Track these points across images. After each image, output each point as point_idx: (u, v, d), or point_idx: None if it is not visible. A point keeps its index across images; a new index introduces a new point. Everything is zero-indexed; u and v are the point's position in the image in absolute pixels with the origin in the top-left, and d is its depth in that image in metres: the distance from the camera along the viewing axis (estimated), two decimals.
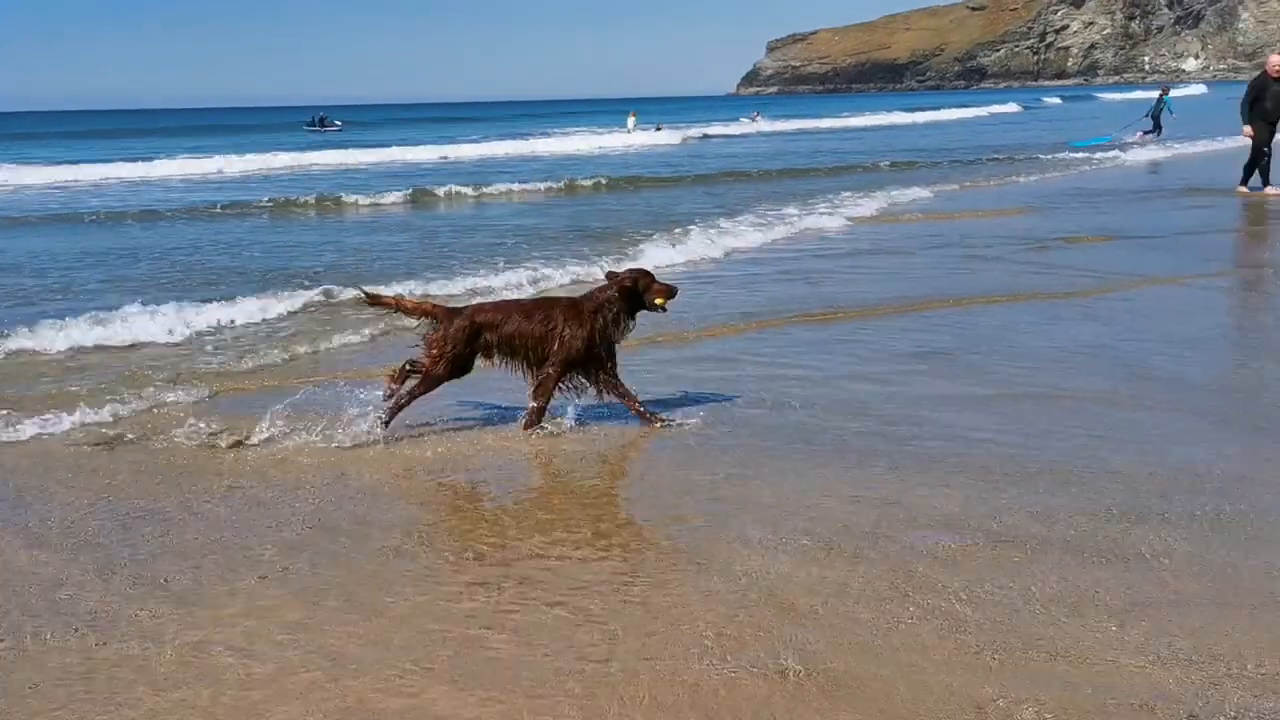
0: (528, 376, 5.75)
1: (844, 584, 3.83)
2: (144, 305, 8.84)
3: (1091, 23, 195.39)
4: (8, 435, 5.79)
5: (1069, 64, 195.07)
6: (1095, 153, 26.48)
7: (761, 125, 55.53)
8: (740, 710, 3.06)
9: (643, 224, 14.98)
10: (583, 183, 22.61)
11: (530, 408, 5.71)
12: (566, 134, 49.77)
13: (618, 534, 4.39)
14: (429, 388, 5.71)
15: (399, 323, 8.63)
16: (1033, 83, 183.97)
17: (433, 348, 5.65)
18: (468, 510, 4.75)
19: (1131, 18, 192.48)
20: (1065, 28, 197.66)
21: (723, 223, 14.58)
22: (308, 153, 35.50)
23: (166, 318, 8.51)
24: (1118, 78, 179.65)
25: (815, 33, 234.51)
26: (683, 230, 13.75)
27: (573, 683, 3.22)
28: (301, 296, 9.47)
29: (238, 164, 31.65)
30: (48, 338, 7.93)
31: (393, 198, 20.30)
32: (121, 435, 5.78)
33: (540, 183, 22.69)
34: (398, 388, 5.73)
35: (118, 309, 8.72)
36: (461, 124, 74.90)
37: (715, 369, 6.84)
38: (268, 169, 31.11)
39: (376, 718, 3.08)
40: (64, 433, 5.85)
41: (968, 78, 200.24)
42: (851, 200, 17.07)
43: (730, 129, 52.34)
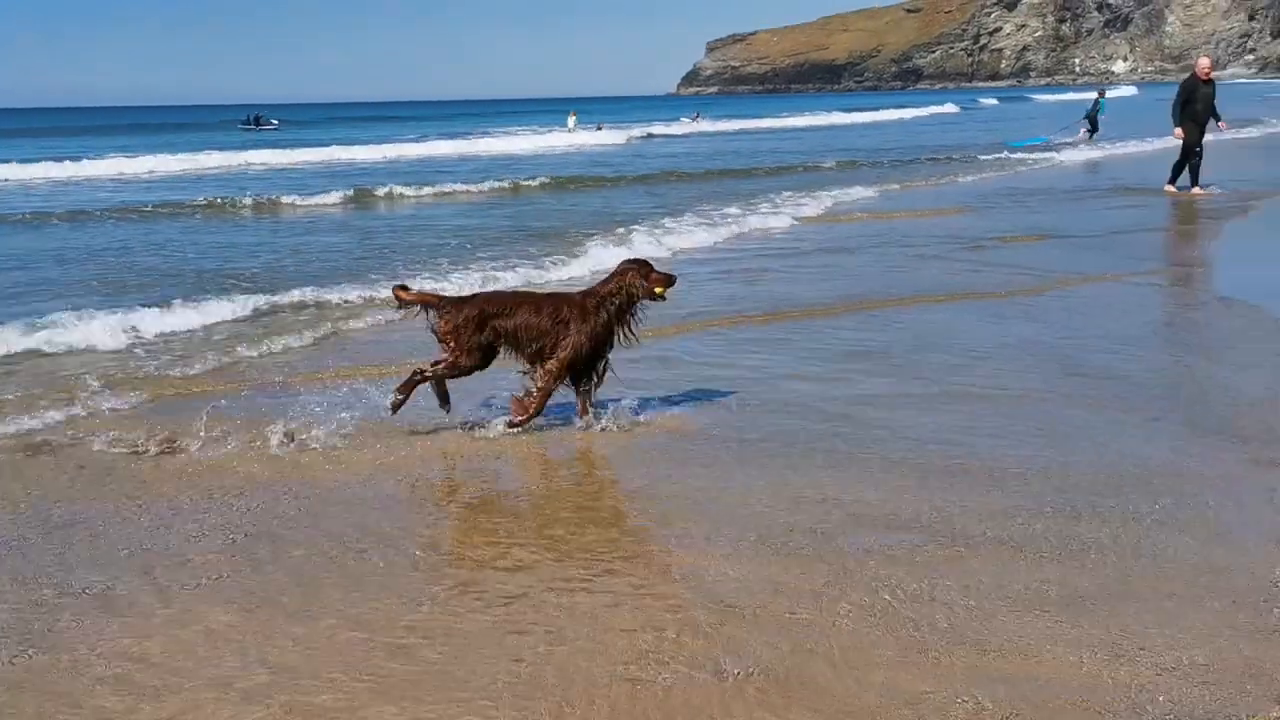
0: (530, 370, 5.69)
1: (784, 583, 3.83)
2: (77, 308, 8.60)
3: (1024, 25, 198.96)
4: None
5: (1002, 66, 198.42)
6: (1032, 153, 26.95)
7: (702, 125, 55.70)
8: (678, 713, 3.05)
9: (586, 224, 14.94)
10: (524, 183, 22.49)
11: (524, 400, 5.63)
12: (507, 133, 49.55)
13: (558, 538, 4.35)
14: (458, 376, 5.65)
15: (343, 325, 8.56)
16: (967, 84, 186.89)
17: (449, 340, 5.57)
18: (407, 516, 4.67)
19: (1062, 20, 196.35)
20: (998, 30, 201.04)
21: (667, 222, 14.59)
22: (244, 152, 34.85)
23: (100, 321, 8.25)
24: (1049, 79, 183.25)
25: (754, 33, 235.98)
26: (626, 230, 13.74)
27: (508, 689, 3.18)
28: (241, 299, 9.27)
29: (170, 163, 31.04)
30: None
31: (331, 198, 20.00)
32: (52, 442, 5.63)
33: (481, 183, 22.50)
34: (405, 399, 5.62)
35: (48, 313, 8.48)
36: (401, 123, 74.19)
37: (655, 369, 6.83)
38: (202, 168, 30.52)
39: None
40: None
41: (904, 79, 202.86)
42: (796, 200, 17.16)
43: (672, 129, 52.39)
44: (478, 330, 5.54)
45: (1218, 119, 16.75)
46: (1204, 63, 17.09)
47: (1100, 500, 4.54)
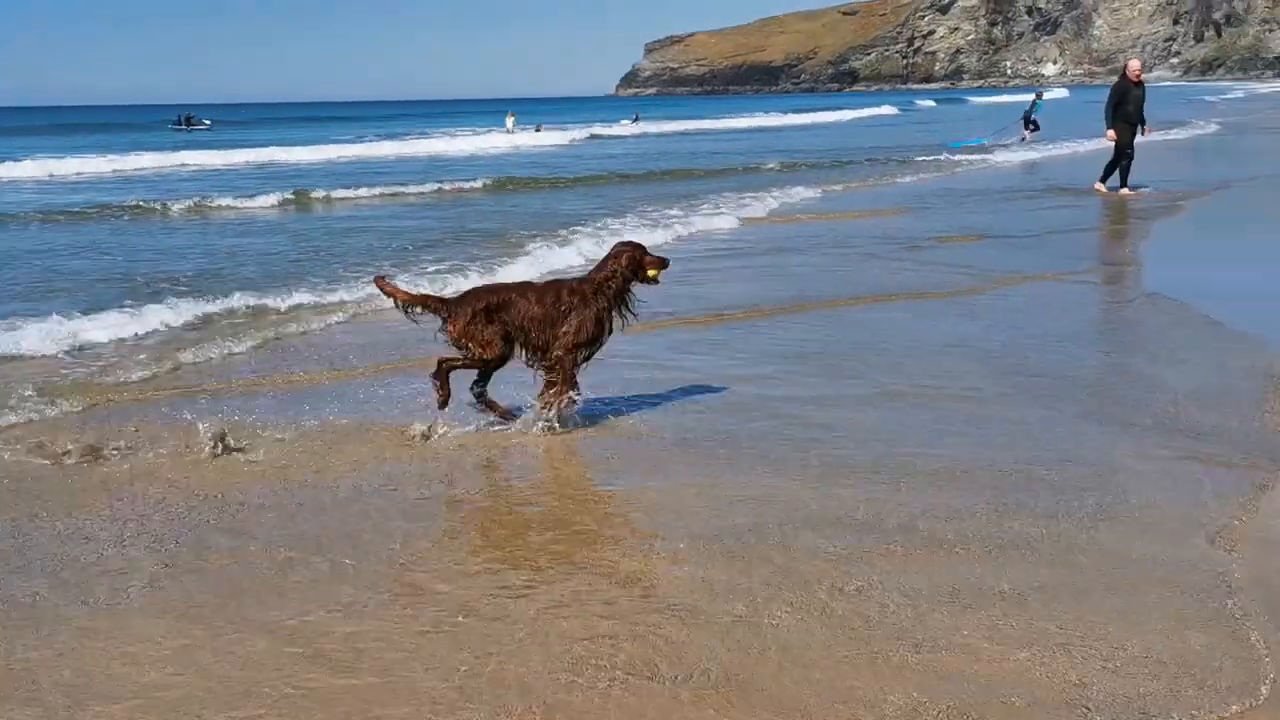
0: (533, 360, 5.65)
1: (723, 584, 3.83)
2: (3, 315, 8.34)
3: (957, 28, 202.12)
4: None
5: (936, 68, 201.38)
6: (971, 154, 27.39)
7: (645, 126, 55.62)
8: (617, 716, 3.03)
9: (527, 225, 14.85)
10: (462, 184, 22.32)
11: (551, 397, 5.60)
12: (445, 134, 49.18)
13: (497, 542, 4.31)
14: (496, 367, 5.62)
15: (288, 329, 8.39)
16: (902, 86, 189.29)
17: (467, 340, 5.51)
18: (341, 523, 4.56)
19: (994, 24, 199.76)
20: (932, 33, 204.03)
21: (611, 224, 14.56)
22: (176, 153, 34.19)
23: (28, 327, 7.99)
24: (982, 81, 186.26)
25: (692, 35, 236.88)
26: (570, 232, 13.70)
27: (444, 698, 3.14)
28: (176, 303, 9.01)
29: (98, 164, 30.25)
30: None
31: (266, 199, 19.62)
32: None
33: (420, 184, 22.31)
34: (444, 390, 5.59)
35: None
36: (337, 124, 73.32)
37: (595, 372, 6.69)
38: (132, 170, 29.83)
39: None
40: None
41: (840, 80, 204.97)
42: (739, 201, 17.20)
43: (613, 129, 52.37)
44: (488, 323, 5.50)
45: (1143, 124, 17.09)
46: (1134, 65, 17.45)
47: (1035, 496, 4.59)
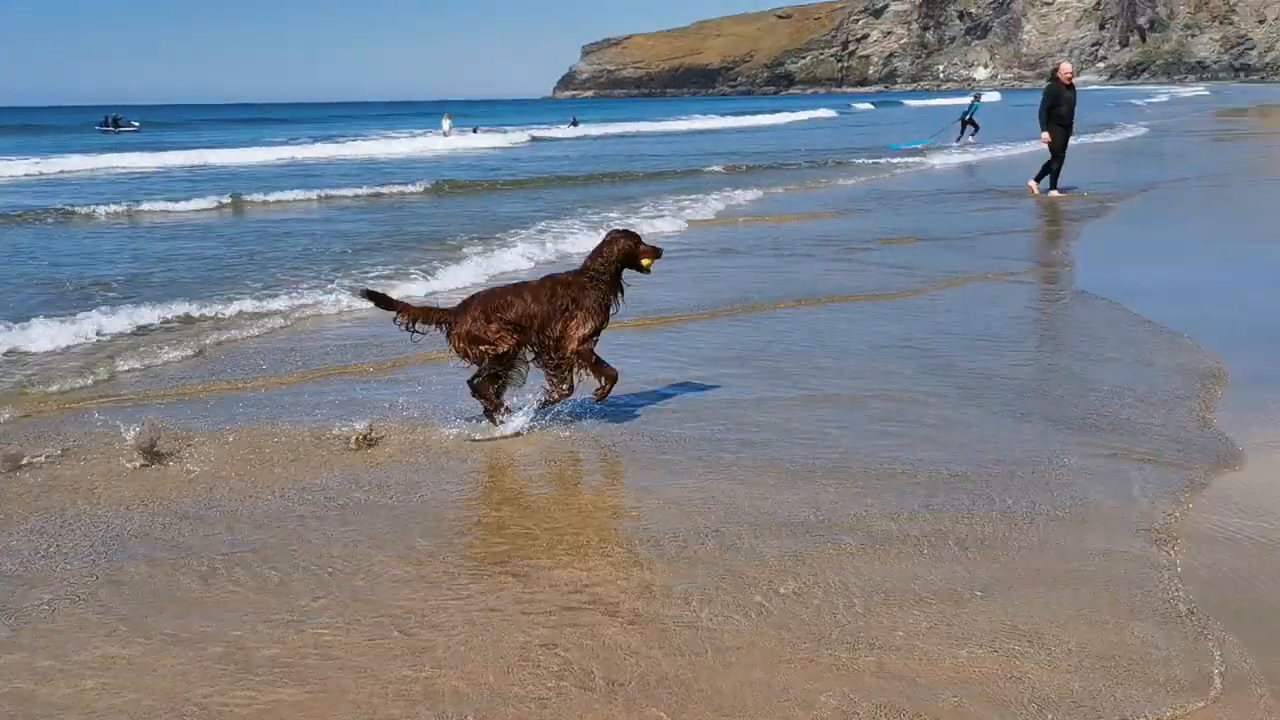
0: (542, 358, 5.60)
1: (666, 587, 3.83)
2: None
3: (890, 32, 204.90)
4: None
5: (870, 71, 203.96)
6: (909, 156, 27.77)
7: (589, 129, 55.33)
8: None
9: (467, 229, 14.74)
10: (401, 187, 22.11)
11: (562, 392, 5.61)
12: (381, 136, 48.71)
13: (434, 550, 4.24)
14: (508, 365, 5.57)
15: (224, 335, 8.22)
16: (837, 89, 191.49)
17: (477, 345, 5.45)
18: (277, 533, 4.47)
19: (926, 28, 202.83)
20: (866, 37, 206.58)
21: (553, 227, 14.52)
22: (103, 155, 33.48)
23: None
24: (915, 85, 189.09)
25: (629, 38, 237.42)
26: (510, 234, 13.62)
27: (377, 708, 3.10)
28: (108, 309, 8.77)
29: (21, 167, 29.45)
30: None
31: (199, 202, 19.30)
32: None
33: (355, 187, 22.07)
34: (494, 396, 5.57)
35: None
36: (270, 125, 72.28)
37: (532, 378, 6.58)
38: (57, 173, 29.13)
39: None
40: None
41: (776, 83, 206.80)
42: (682, 204, 17.23)
43: (553, 132, 52.20)
44: (488, 322, 5.45)
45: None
46: (1066, 68, 17.78)
47: (971, 496, 4.63)
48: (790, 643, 3.41)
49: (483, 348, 5.46)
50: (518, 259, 11.80)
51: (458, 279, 10.61)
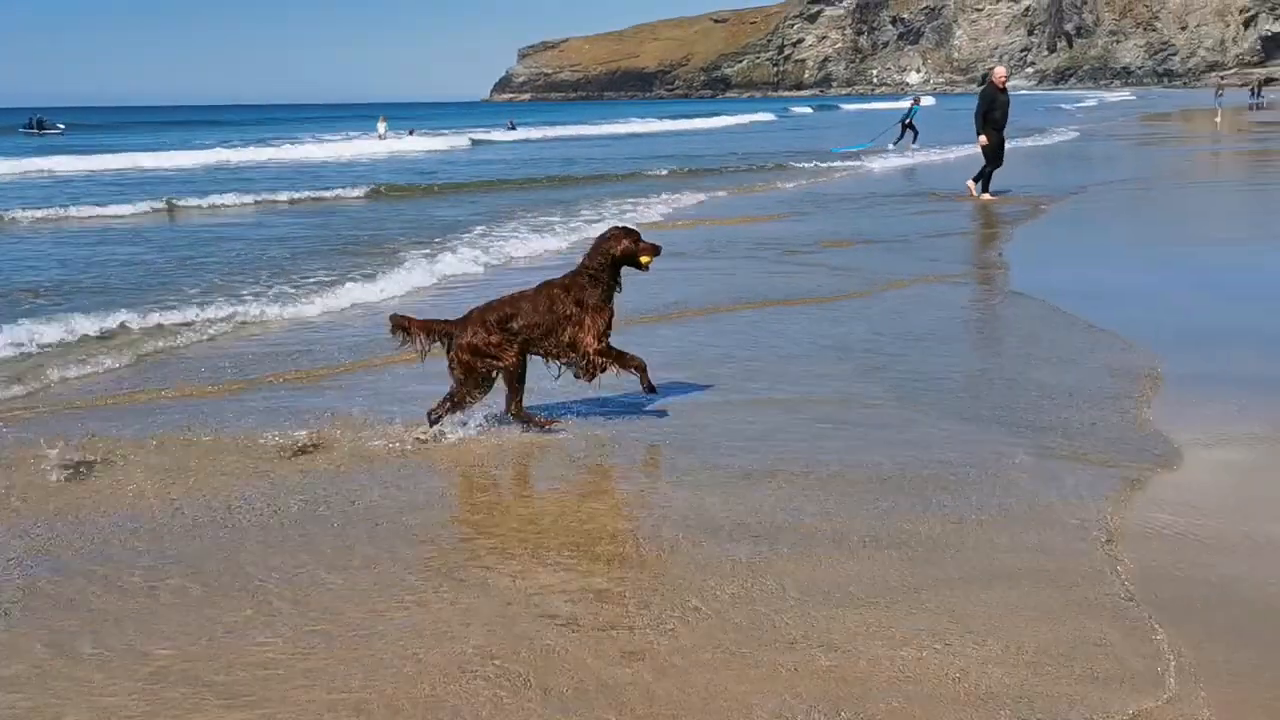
0: (554, 364, 5.59)
1: (604, 592, 3.81)
2: None
3: (825, 37, 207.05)
4: None
5: (806, 75, 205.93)
6: (849, 160, 28.05)
7: (528, 133, 54.86)
8: None
9: (406, 233, 14.60)
10: (339, 191, 21.83)
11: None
12: (315, 140, 48.08)
13: (369, 558, 4.17)
14: (519, 381, 5.51)
15: (159, 344, 7.99)
16: (773, 93, 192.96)
17: (487, 358, 5.39)
18: (211, 545, 4.36)
19: (860, 33, 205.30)
20: (801, 41, 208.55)
21: (494, 231, 14.43)
22: (27, 158, 32.56)
23: None
24: (850, 89, 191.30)
25: (566, 41, 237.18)
26: (451, 239, 13.52)
27: (324, 716, 3.05)
28: (40, 317, 8.48)
29: None
30: None
31: (130, 207, 18.85)
32: None
33: (291, 191, 21.73)
34: (525, 419, 5.54)
35: None
36: (202, 128, 71.01)
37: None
38: None
39: None
40: None
41: (713, 87, 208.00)
42: (625, 208, 17.20)
43: (491, 135, 51.86)
44: (489, 334, 5.40)
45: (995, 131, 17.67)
46: (1000, 72, 18.08)
47: (910, 497, 4.66)
48: (728, 647, 3.40)
49: (488, 360, 5.42)
50: (460, 263, 11.70)
51: (404, 284, 10.47)
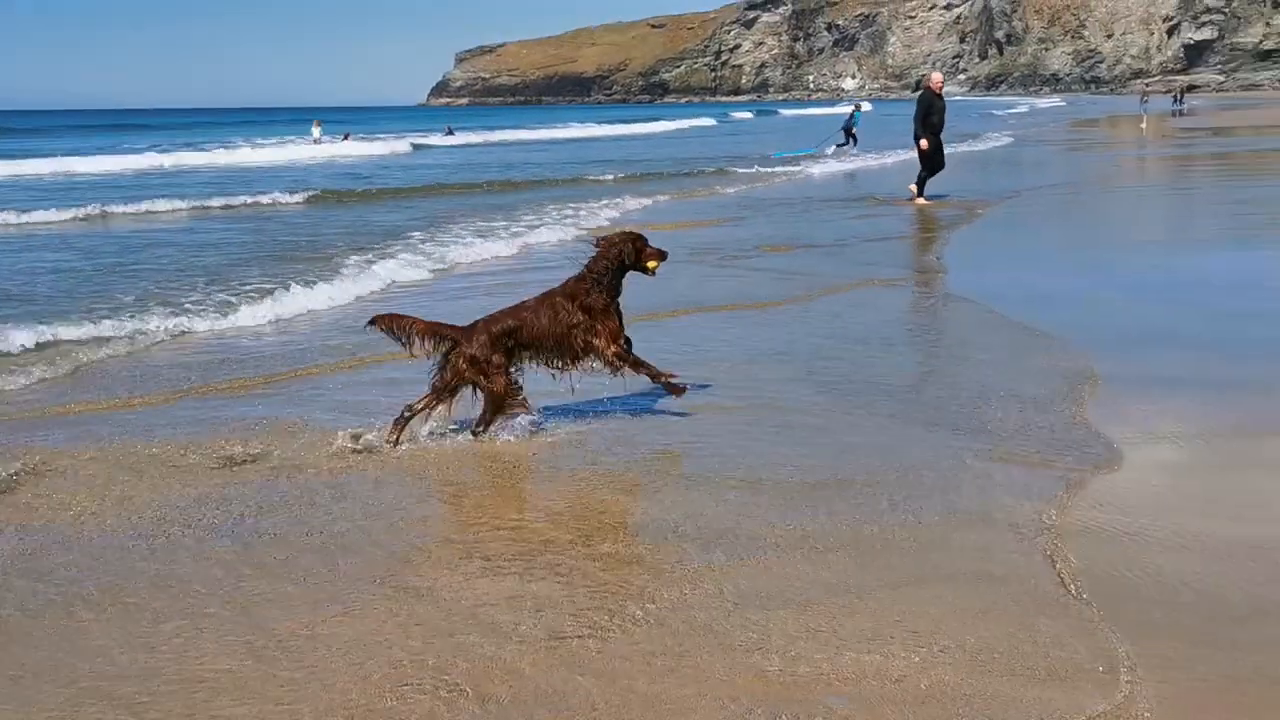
0: (560, 374, 5.59)
1: (545, 598, 3.80)
2: None
3: (761, 42, 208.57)
4: None
5: (743, 81, 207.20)
6: (791, 164, 28.31)
7: (467, 137, 54.34)
8: None
9: (344, 239, 14.40)
10: (275, 196, 21.45)
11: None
12: (248, 144, 47.34)
13: (307, 568, 4.12)
14: (499, 408, 5.42)
15: (91, 354, 7.75)
16: (711, 98, 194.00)
17: (480, 375, 5.35)
18: (147, 558, 4.27)
19: (796, 39, 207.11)
20: (738, 47, 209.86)
21: (434, 237, 14.31)
22: None
23: None
24: (787, 94, 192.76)
25: (503, 45, 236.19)
26: (390, 244, 13.38)
27: None
28: None
29: None
30: None
31: (57, 213, 18.26)
32: None
33: (225, 196, 21.33)
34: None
35: None
36: (130, 132, 69.37)
37: (399, 391, 6.17)
38: None
39: None
40: None
41: (651, 92, 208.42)
42: (567, 213, 17.13)
43: (429, 139, 51.41)
44: (492, 350, 5.38)
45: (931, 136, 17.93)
46: (936, 78, 18.39)
47: (851, 500, 4.70)
48: (669, 653, 3.41)
49: (480, 377, 5.39)
50: (401, 268, 11.59)
51: (341, 292, 10.30)
